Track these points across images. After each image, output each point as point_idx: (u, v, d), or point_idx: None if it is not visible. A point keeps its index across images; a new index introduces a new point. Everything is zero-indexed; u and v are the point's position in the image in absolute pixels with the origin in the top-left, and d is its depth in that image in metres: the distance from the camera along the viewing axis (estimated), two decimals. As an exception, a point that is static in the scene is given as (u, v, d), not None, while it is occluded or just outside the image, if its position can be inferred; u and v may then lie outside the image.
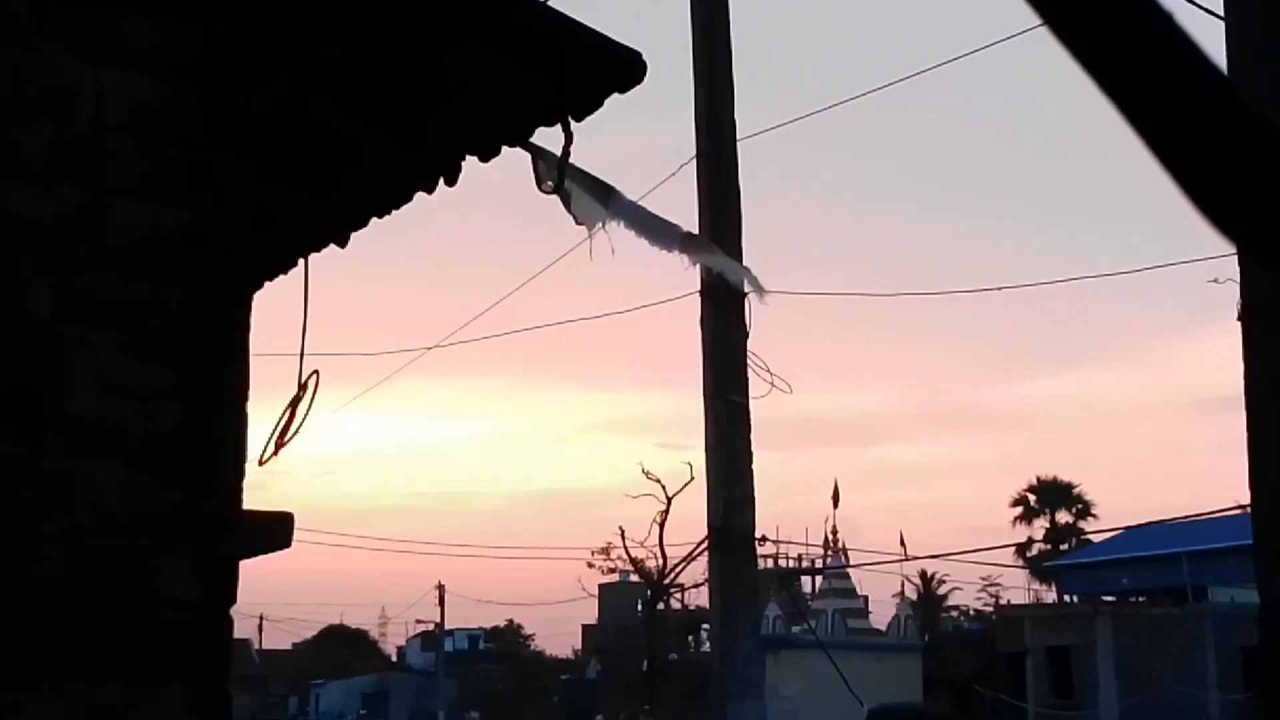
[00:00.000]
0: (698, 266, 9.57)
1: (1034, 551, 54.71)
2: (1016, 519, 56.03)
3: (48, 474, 2.89)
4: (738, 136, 11.24)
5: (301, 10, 3.34)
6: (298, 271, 4.39)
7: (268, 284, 4.47)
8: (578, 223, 7.81)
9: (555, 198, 5.55)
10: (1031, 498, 56.07)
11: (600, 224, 8.06)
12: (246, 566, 3.23)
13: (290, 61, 3.42)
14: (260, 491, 3.45)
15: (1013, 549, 53.47)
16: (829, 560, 41.52)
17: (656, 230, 9.03)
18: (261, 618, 67.99)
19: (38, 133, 3.01)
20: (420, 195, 4.05)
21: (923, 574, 56.14)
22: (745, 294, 10.13)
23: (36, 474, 2.88)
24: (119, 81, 3.09)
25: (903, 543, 39.77)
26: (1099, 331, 79.91)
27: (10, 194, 2.96)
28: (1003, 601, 51.22)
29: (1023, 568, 54.19)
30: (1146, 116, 1.26)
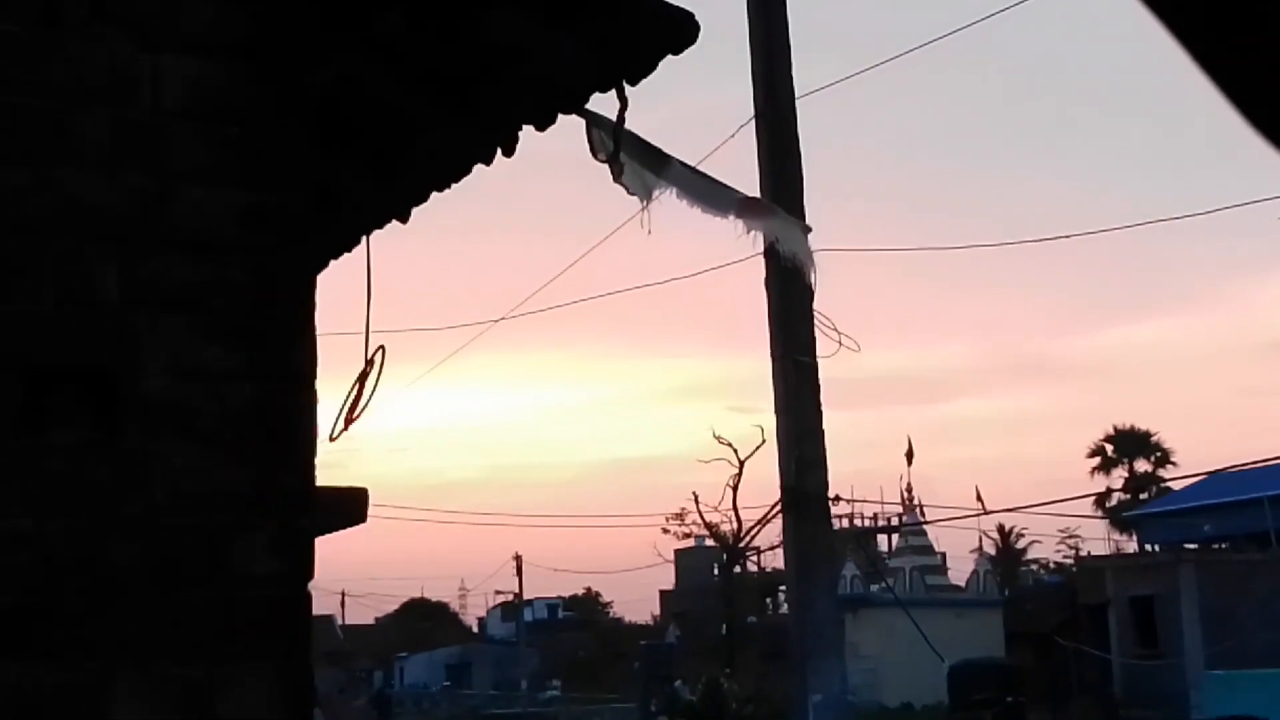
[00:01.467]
0: (755, 233, 9.51)
1: (1113, 501, 54.14)
2: (1094, 469, 55.49)
3: (124, 456, 2.93)
4: (796, 94, 11.15)
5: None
6: (361, 249, 4.41)
7: (332, 262, 4.50)
8: (629, 194, 7.79)
9: (608, 168, 5.54)
10: (1109, 447, 55.47)
11: (655, 194, 8.04)
12: (325, 543, 3.26)
13: (344, 36, 3.42)
14: (336, 470, 3.49)
15: (1091, 500, 53.00)
16: (905, 518, 41.38)
17: (712, 197, 8.99)
18: (344, 594, 68.96)
19: (99, 119, 3.04)
20: (479, 167, 4.05)
21: (1000, 528, 55.78)
22: (802, 259, 10.04)
23: (113, 456, 2.92)
24: (176, 65, 3.11)
25: (979, 498, 39.55)
26: (1170, 277, 78.75)
27: (75, 181, 2.99)
28: (1083, 553, 50.82)
29: (1102, 518, 53.69)
30: (1213, 48, 1.23)
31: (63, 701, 2.80)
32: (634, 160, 7.59)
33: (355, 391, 4.02)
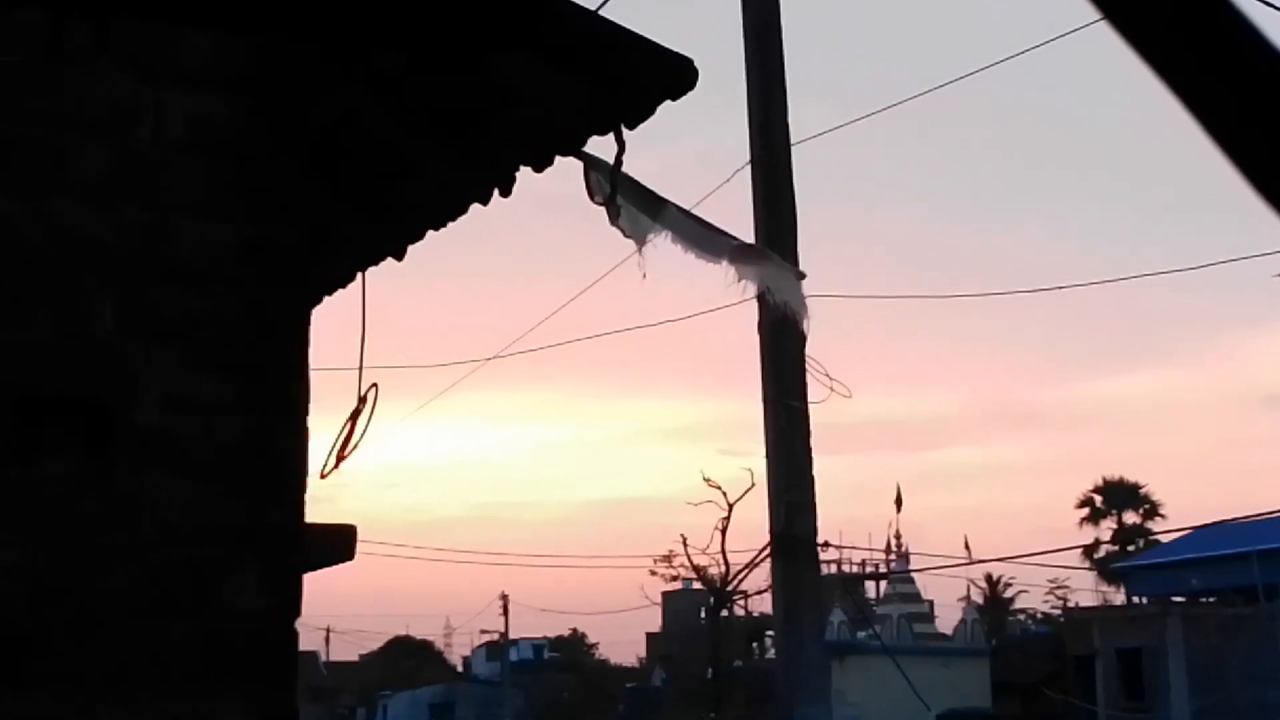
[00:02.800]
0: (747, 280, 9.53)
1: (1101, 553, 54.02)
2: (1083, 520, 55.37)
3: (114, 488, 2.92)
4: (792, 140, 11.21)
5: (354, 19, 3.36)
6: (356, 285, 4.42)
7: (326, 298, 4.50)
8: (625, 237, 7.83)
9: (603, 211, 5.56)
10: (1098, 498, 55.39)
11: (648, 238, 8.08)
12: (312, 579, 3.25)
13: (343, 72, 3.44)
14: (324, 504, 3.48)
15: (1080, 550, 52.87)
16: (893, 565, 41.24)
17: (706, 242, 9.02)
18: (329, 630, 68.54)
19: (99, 152, 3.05)
20: (475, 206, 4.06)
21: (989, 577, 55.56)
22: (794, 308, 10.07)
23: (103, 488, 2.91)
24: (177, 99, 3.13)
25: (967, 546, 39.37)
26: (1161, 329, 78.89)
27: (74, 212, 3.00)
28: (1071, 604, 50.65)
29: (1090, 569, 53.53)
30: (1210, 108, 1.24)
31: (45, 734, 2.78)
32: (630, 204, 7.64)
33: (348, 429, 4.02)
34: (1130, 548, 51.86)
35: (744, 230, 10.49)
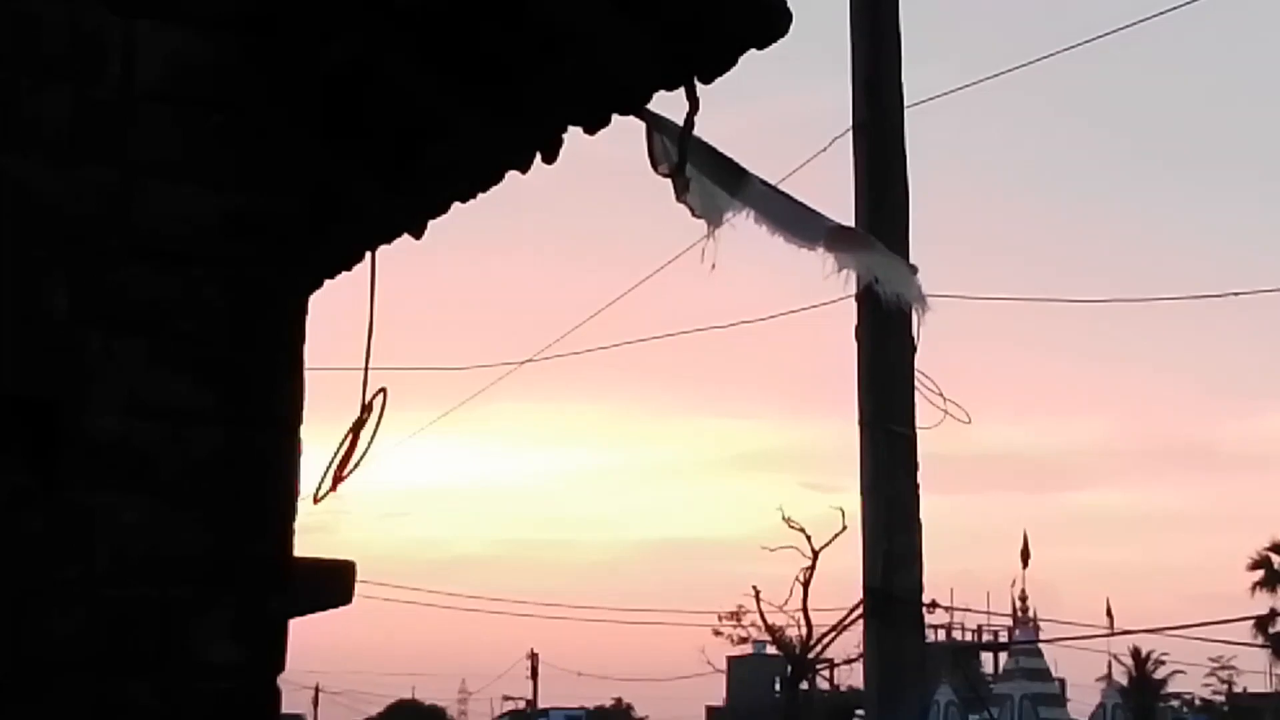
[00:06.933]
0: (847, 271, 9.49)
1: (1277, 626, 53.40)
2: (1256, 585, 54.72)
3: (62, 509, 2.93)
4: (905, 103, 11.14)
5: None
6: (364, 267, 4.43)
7: (328, 282, 4.52)
8: (694, 215, 7.80)
9: (669, 183, 5.55)
10: (1275, 558, 54.77)
11: (724, 218, 8.04)
12: (300, 626, 3.26)
13: (360, 9, 3.45)
14: (319, 534, 3.50)
15: (1251, 623, 52.22)
16: (1016, 633, 40.92)
17: (796, 224, 8.99)
18: (318, 689, 68.99)
19: (57, 98, 3.06)
20: (513, 174, 4.06)
21: (1135, 652, 55.10)
22: (910, 302, 10.01)
23: (49, 509, 2.93)
24: (154, 35, 3.14)
25: (1110, 613, 39.10)
26: (1362, 350, 77.75)
27: (23, 171, 3.01)
28: (1237, 688, 50.10)
29: (1263, 646, 52.92)
30: None
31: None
32: (702, 175, 7.63)
33: (348, 443, 4.03)
34: (1314, 621, 51.14)
35: (842, 212, 10.46)
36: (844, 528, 33.98)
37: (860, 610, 11.11)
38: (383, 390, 4.09)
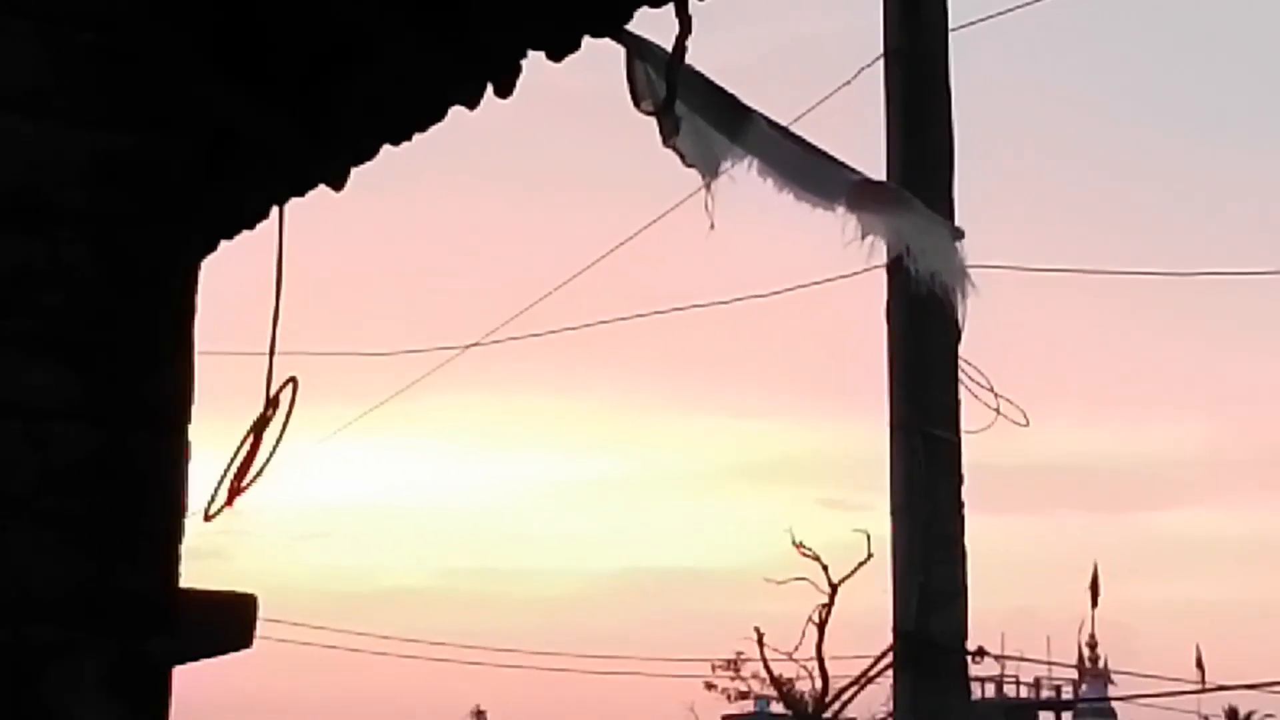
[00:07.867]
0: (874, 236, 9.46)
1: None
2: (1372, 625, 55.18)
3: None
4: (949, 26, 11.12)
5: None
6: (270, 225, 4.41)
7: (225, 244, 4.50)
8: (685, 164, 7.76)
9: (653, 122, 5.53)
10: (1396, 592, 55.20)
11: (723, 168, 8.02)
12: (187, 675, 3.23)
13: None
14: (212, 560, 3.46)
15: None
16: (1083, 688, 41.27)
17: (812, 176, 8.96)
18: (219, 748, 69.28)
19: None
20: (457, 110, 4.03)
21: (1231, 712, 55.41)
22: (950, 278, 9.99)
23: None
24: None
25: (1200, 664, 39.29)
26: None
27: None
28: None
29: (1385, 702, 53.41)
30: None
31: None
32: (695, 114, 7.59)
33: (249, 446, 4.01)
34: None
35: (870, 161, 10.43)
36: (869, 555, 33.95)
37: (889, 659, 11.13)
38: (292, 380, 4.09)
